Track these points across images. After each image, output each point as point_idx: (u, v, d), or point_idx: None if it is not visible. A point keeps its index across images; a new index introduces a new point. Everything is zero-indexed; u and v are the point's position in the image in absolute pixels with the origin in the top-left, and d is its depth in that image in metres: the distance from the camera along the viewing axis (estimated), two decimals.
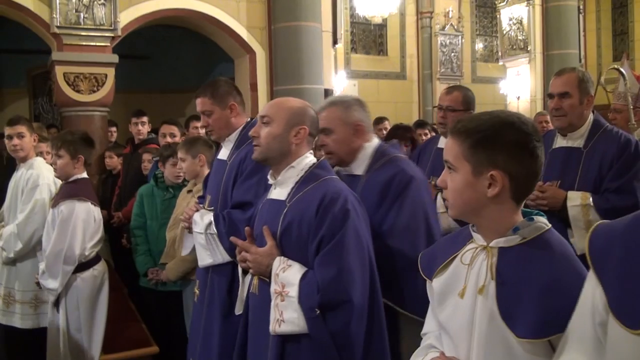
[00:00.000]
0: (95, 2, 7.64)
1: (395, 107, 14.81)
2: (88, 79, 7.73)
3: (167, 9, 8.32)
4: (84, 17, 7.63)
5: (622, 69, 4.58)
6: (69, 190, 4.00)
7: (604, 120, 3.47)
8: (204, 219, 3.22)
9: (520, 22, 12.98)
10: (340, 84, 12.93)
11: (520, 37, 12.99)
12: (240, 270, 2.78)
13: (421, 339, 1.98)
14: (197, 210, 3.36)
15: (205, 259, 3.22)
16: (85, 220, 3.97)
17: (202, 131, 6.27)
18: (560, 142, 3.46)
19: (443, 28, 15.32)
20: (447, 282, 1.78)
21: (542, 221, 1.70)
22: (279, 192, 2.56)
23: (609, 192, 3.20)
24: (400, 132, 5.85)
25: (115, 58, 7.87)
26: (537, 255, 1.59)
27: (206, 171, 4.07)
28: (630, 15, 16.53)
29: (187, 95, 12.24)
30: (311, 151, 2.61)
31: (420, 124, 7.70)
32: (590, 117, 3.40)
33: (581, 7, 14.84)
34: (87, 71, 7.71)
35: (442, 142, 3.90)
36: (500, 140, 1.63)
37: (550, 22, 12.19)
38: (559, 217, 3.19)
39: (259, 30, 8.93)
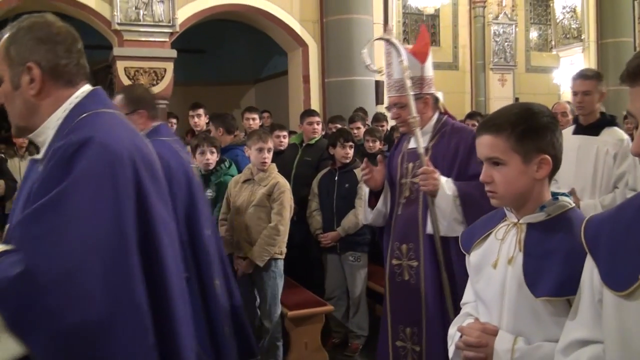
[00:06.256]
0: (154, 0, 7.98)
1: (447, 97, 14.75)
2: (148, 73, 8.08)
3: (223, 4, 8.62)
4: (143, 14, 7.99)
5: (393, 40, 3.22)
6: None
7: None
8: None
9: (574, 10, 12.83)
10: None
11: (573, 26, 12.85)
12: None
13: None
14: None
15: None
16: None
17: (256, 123, 6.56)
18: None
19: (496, 17, 15.14)
20: (482, 255, 1.99)
21: (566, 200, 1.90)
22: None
23: None
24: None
25: (173, 53, 8.20)
26: (559, 230, 1.80)
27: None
28: None
29: (243, 87, 12.57)
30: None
31: (471, 115, 7.80)
32: None
33: None
34: (147, 66, 8.08)
35: None
36: (541, 128, 1.85)
37: (604, 10, 12.06)
38: None
39: (312, 23, 9.15)
